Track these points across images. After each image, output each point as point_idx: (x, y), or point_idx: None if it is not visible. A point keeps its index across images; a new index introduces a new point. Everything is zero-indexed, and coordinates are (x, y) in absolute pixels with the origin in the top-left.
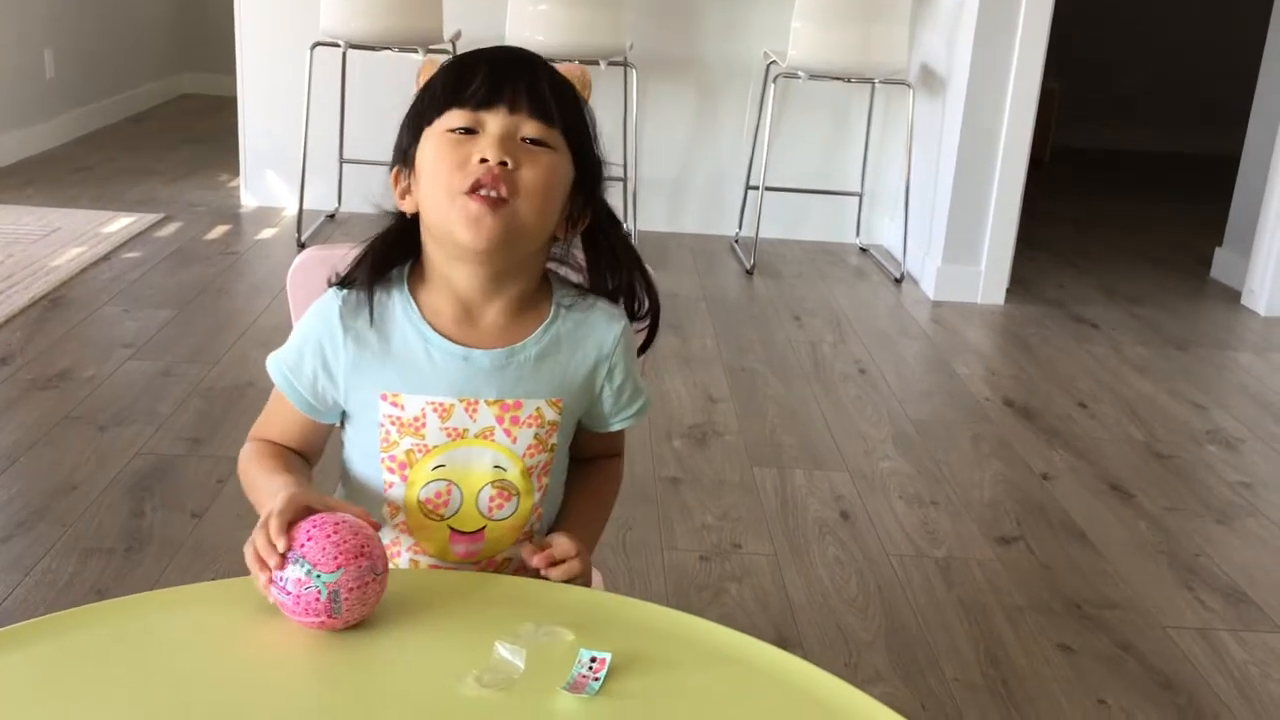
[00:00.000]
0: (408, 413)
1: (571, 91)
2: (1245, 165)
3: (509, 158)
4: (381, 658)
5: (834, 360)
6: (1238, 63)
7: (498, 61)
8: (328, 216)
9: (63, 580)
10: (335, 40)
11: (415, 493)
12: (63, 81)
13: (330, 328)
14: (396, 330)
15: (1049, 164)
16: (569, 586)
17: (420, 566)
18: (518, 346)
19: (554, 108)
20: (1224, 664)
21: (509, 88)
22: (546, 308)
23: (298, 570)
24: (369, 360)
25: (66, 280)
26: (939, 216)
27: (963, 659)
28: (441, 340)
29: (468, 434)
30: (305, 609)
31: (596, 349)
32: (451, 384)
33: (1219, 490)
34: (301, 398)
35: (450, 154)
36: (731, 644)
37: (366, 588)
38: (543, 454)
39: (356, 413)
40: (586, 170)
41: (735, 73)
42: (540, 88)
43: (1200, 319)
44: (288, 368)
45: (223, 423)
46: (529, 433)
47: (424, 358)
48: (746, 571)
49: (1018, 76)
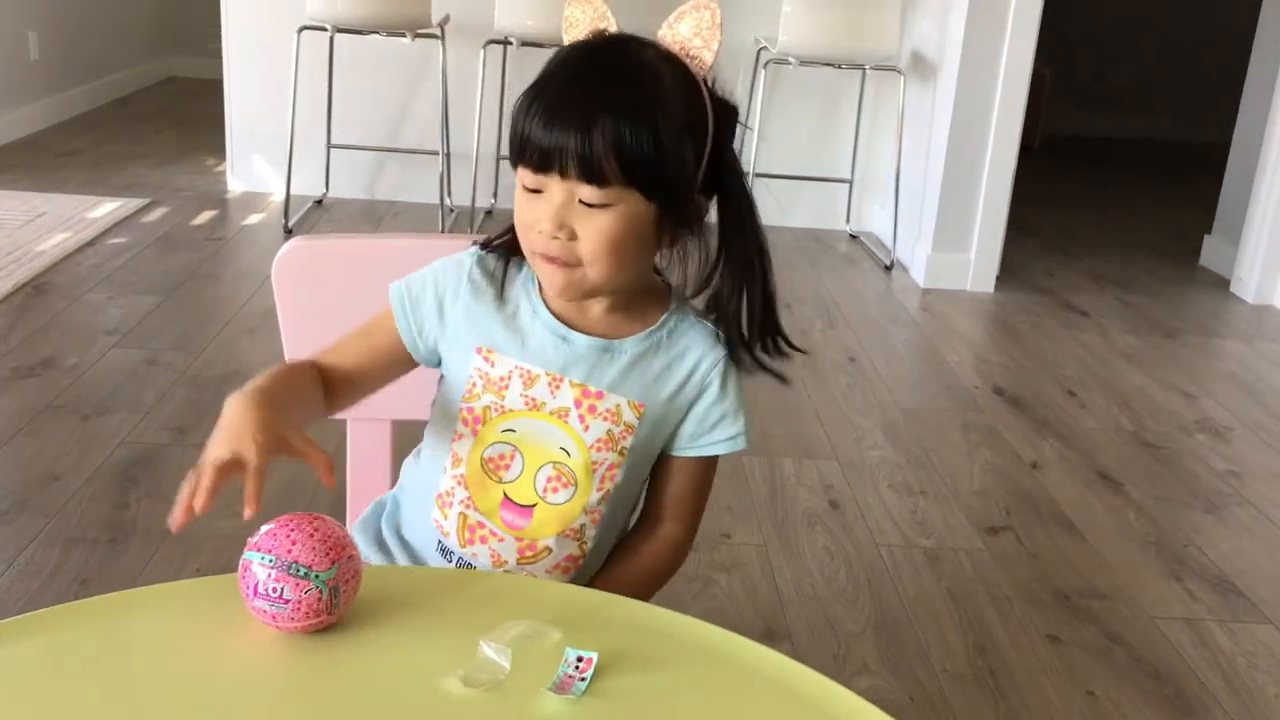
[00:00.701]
0: (496, 370)
1: (643, 124)
2: (1235, 152)
3: (563, 231)
4: (364, 657)
5: (824, 348)
6: (1228, 50)
7: (557, 109)
8: (315, 202)
9: (46, 571)
10: (322, 24)
11: (481, 449)
12: (47, 64)
13: (460, 274)
14: (513, 297)
15: (1039, 151)
16: (554, 583)
17: (469, 521)
18: (616, 343)
19: (609, 167)
20: (1212, 655)
21: (559, 152)
22: (656, 314)
23: (291, 575)
24: (480, 315)
25: (50, 266)
26: (929, 203)
27: (951, 650)
28: (549, 316)
29: (544, 408)
30: (306, 612)
31: (693, 365)
32: (544, 358)
33: (1207, 480)
34: (409, 326)
35: (524, 212)
36: (720, 642)
37: (356, 577)
38: (611, 453)
39: (453, 361)
40: (670, 200)
41: (725, 58)
42: (593, 146)
43: (1189, 306)
44: (409, 294)
45: (209, 412)
46: (602, 425)
47: (528, 327)
48: (735, 562)
49: (1009, 63)
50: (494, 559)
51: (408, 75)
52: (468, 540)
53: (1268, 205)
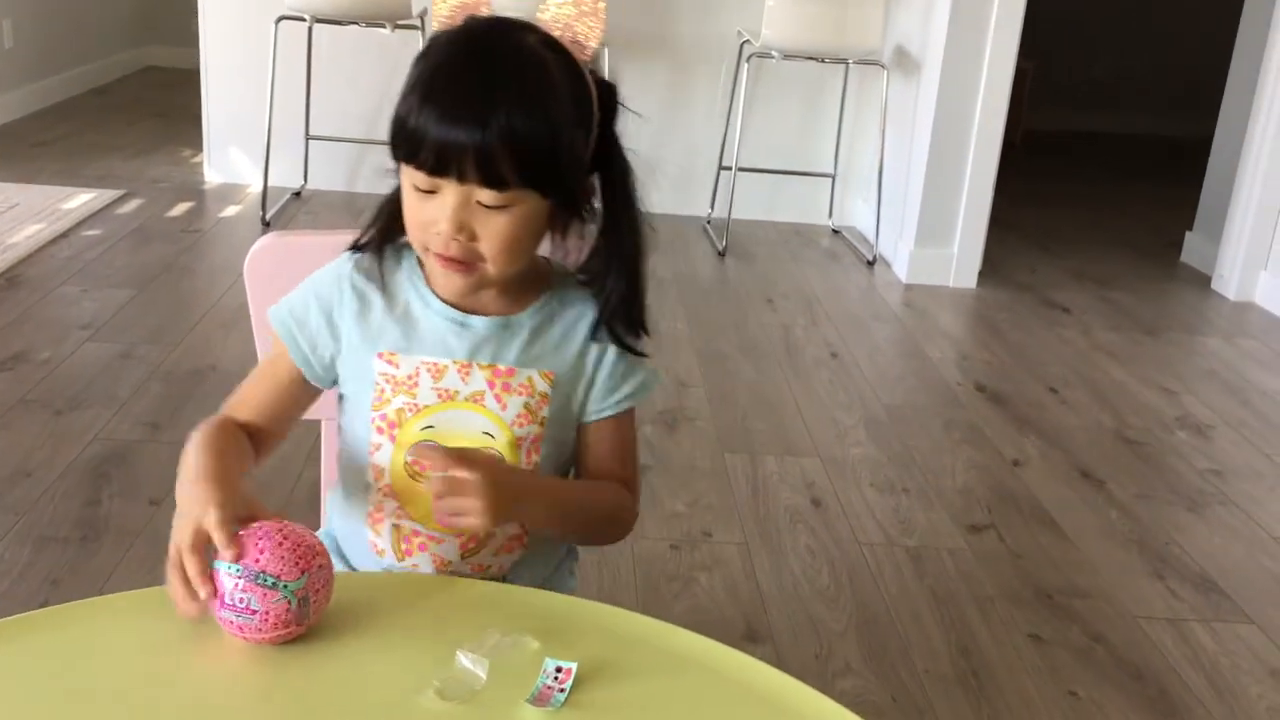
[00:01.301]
0: (402, 371)
1: (537, 122)
2: (1216, 149)
3: (462, 233)
4: (337, 668)
5: (806, 344)
6: (1211, 46)
7: (449, 110)
8: (293, 194)
9: (16, 570)
10: (301, 14)
11: (403, 454)
12: (22, 52)
13: (340, 284)
14: (401, 293)
15: (1021, 147)
16: (534, 590)
17: (403, 531)
18: (514, 318)
19: (508, 169)
20: (1194, 655)
21: (455, 158)
22: (542, 287)
23: (259, 586)
24: (371, 319)
25: (24, 258)
26: (912, 199)
27: (934, 650)
28: (441, 305)
29: (458, 396)
30: (275, 623)
31: (590, 328)
32: (447, 346)
33: (1189, 478)
34: (300, 350)
35: (414, 210)
36: (700, 650)
37: (327, 586)
38: (532, 425)
39: (353, 373)
40: (564, 194)
41: (709, 52)
42: (490, 151)
43: (1170, 303)
44: (293, 318)
45: (183, 407)
46: (519, 401)
47: (424, 320)
48: (717, 561)
49: (992, 59)
50: (436, 563)
51: (387, 67)
52: (405, 552)
53: (1249, 202)
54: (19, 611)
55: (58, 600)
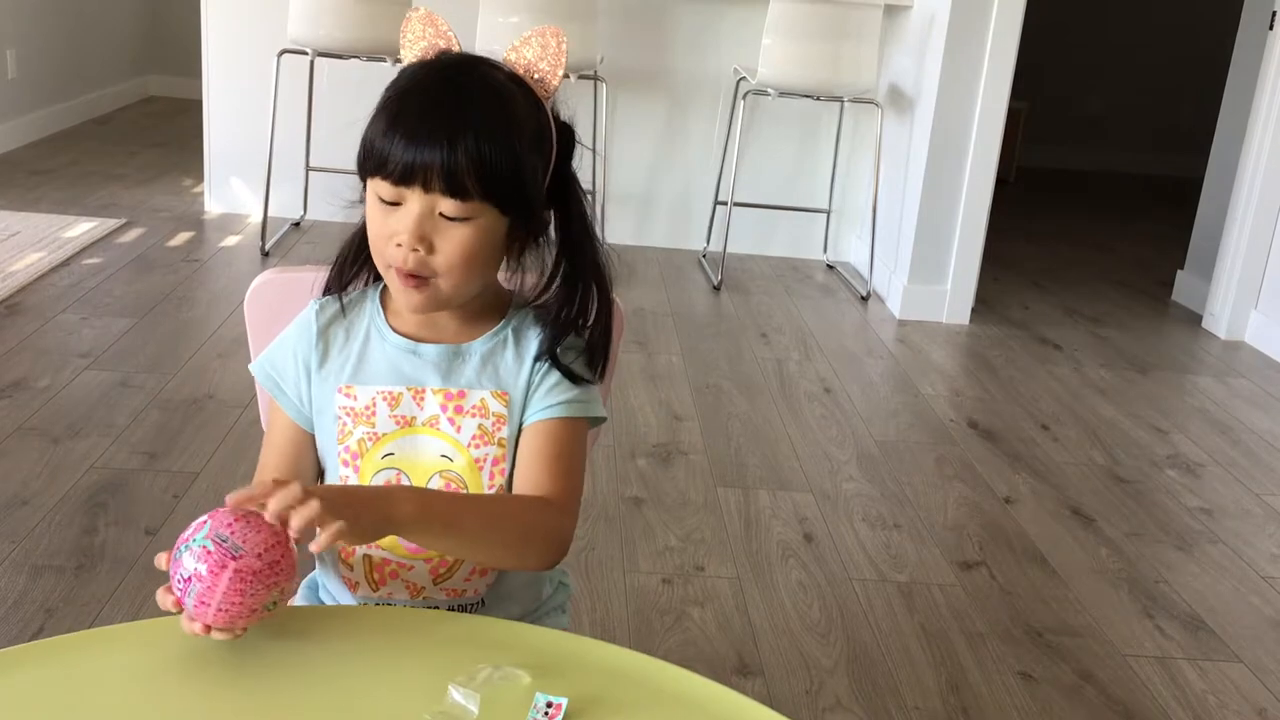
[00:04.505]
0: (359, 402)
1: (501, 142)
2: (1207, 189)
3: (422, 244)
4: (328, 700)
5: (799, 379)
6: (1201, 85)
7: (421, 125)
8: (293, 225)
9: (11, 598)
10: (303, 48)
11: (367, 482)
12: (25, 82)
13: (307, 330)
14: (360, 331)
15: (1013, 184)
16: (525, 625)
17: (374, 561)
18: (464, 345)
19: (471, 181)
20: (1183, 694)
21: (422, 167)
22: (499, 318)
23: (219, 544)
24: (334, 358)
25: (24, 286)
26: (905, 235)
27: (924, 686)
28: (395, 335)
29: (415, 421)
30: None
31: (535, 350)
32: (401, 374)
33: (1179, 516)
34: (287, 398)
35: (378, 224)
36: (690, 686)
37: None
38: (490, 446)
39: (321, 410)
40: (521, 214)
41: (705, 88)
42: (456, 161)
43: (1161, 342)
44: (274, 369)
45: (180, 436)
46: (473, 423)
47: (378, 351)
48: (709, 595)
49: (985, 97)
50: (410, 590)
51: None
52: (378, 582)
53: (1240, 241)
54: (14, 639)
55: (53, 629)
